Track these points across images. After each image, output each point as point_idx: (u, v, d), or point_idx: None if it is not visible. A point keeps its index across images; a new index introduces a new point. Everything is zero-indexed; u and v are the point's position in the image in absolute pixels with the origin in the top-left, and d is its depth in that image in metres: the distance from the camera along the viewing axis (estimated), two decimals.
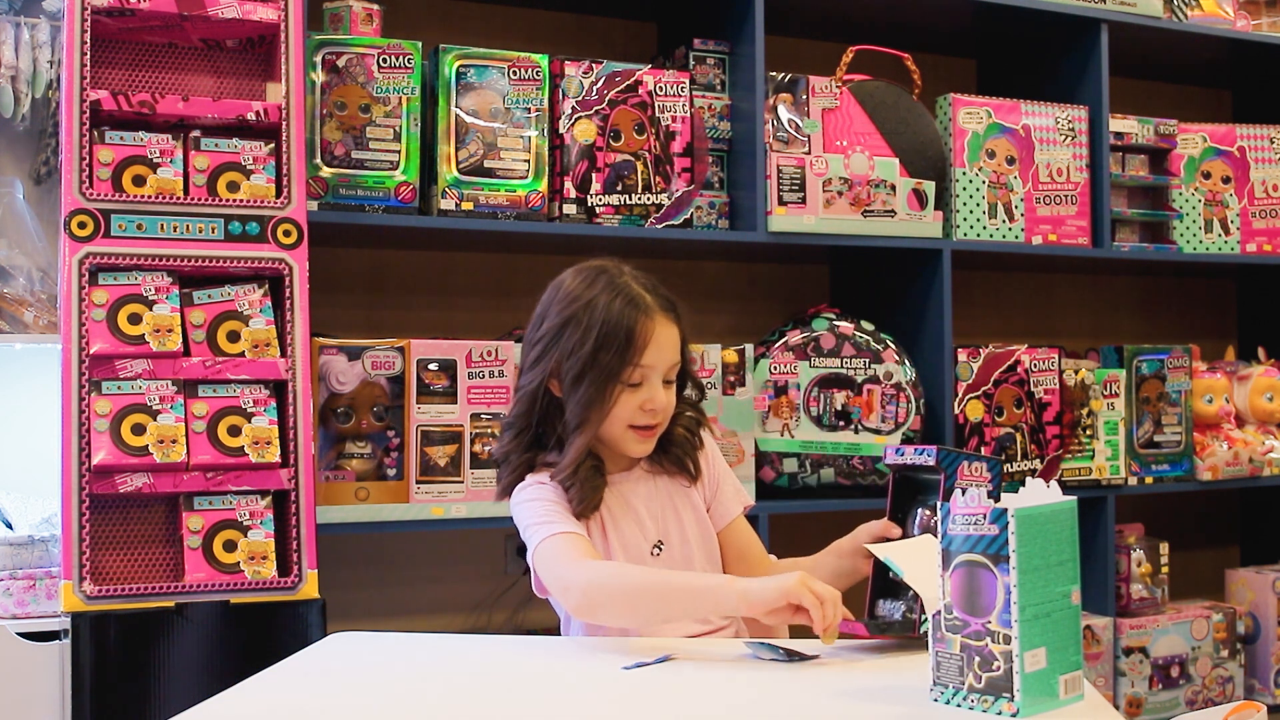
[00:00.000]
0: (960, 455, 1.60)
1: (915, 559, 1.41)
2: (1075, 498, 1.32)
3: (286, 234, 2.25)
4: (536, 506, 1.74)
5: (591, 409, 1.72)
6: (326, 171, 2.47)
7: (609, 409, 1.73)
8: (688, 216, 2.73)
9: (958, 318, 3.02)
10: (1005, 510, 1.24)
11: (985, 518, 1.25)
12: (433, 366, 2.47)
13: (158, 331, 2.16)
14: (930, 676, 1.30)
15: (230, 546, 2.16)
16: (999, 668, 1.24)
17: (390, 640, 1.72)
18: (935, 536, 1.58)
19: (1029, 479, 1.31)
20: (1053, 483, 1.31)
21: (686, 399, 1.86)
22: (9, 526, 2.41)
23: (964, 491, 1.28)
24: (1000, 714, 1.24)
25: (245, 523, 2.17)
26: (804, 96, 2.89)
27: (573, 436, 1.74)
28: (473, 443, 2.49)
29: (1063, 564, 1.28)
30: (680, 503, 1.85)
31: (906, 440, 2.84)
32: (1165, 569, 3.22)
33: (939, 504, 1.59)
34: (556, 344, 1.74)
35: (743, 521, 1.89)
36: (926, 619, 1.50)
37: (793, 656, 1.53)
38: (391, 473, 2.45)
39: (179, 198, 2.20)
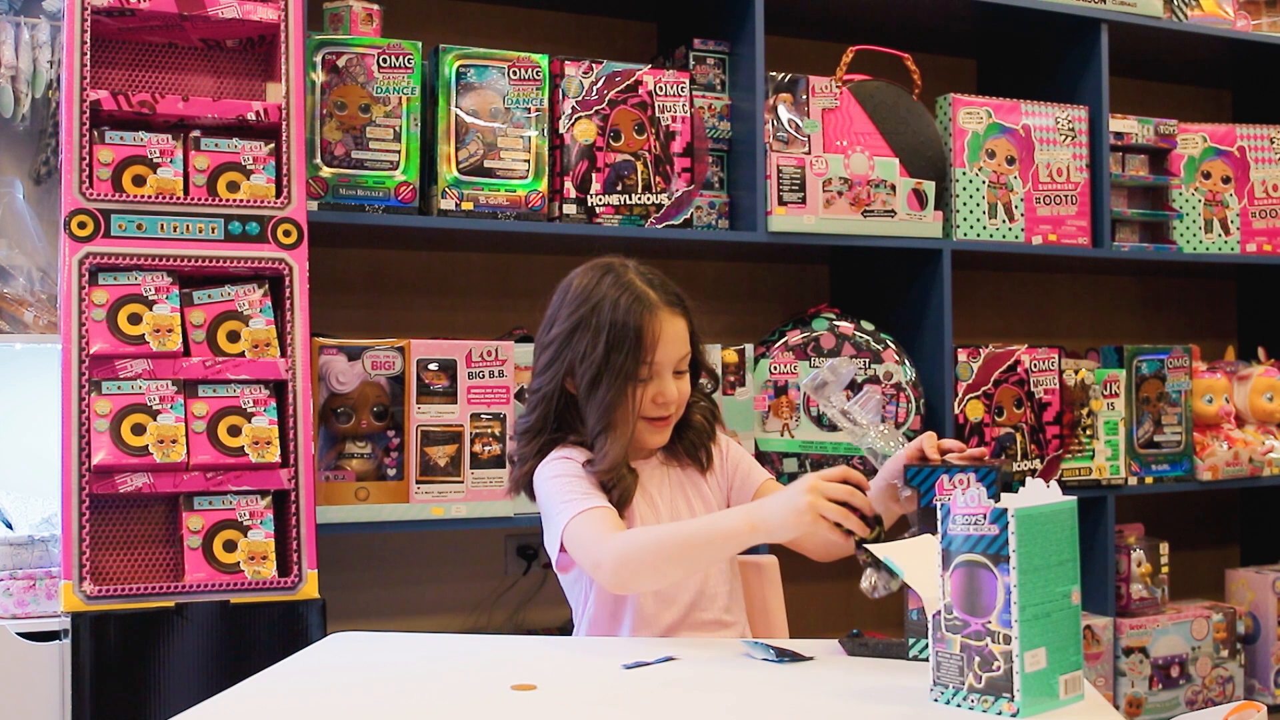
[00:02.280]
0: (938, 470, 1.50)
1: (915, 559, 1.41)
2: (1075, 498, 1.32)
3: (286, 234, 2.25)
4: (561, 484, 1.74)
5: (615, 411, 1.74)
6: (326, 171, 2.47)
7: (631, 408, 1.74)
8: (688, 216, 2.73)
9: (958, 318, 3.02)
10: (1005, 510, 1.24)
11: (985, 518, 1.25)
12: (433, 366, 2.47)
13: (158, 331, 2.16)
14: (930, 676, 1.30)
15: (230, 546, 2.16)
16: (999, 668, 1.24)
17: (390, 640, 1.72)
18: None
19: (1029, 479, 1.31)
20: (1053, 483, 1.31)
21: (701, 389, 1.88)
22: (9, 526, 2.41)
23: (964, 491, 1.27)
24: (1000, 714, 1.24)
25: (245, 523, 2.17)
26: (804, 96, 2.89)
27: (603, 439, 1.75)
28: (473, 443, 2.49)
29: (1063, 564, 1.28)
30: (691, 493, 1.87)
31: (908, 439, 2.84)
32: (1165, 569, 3.22)
33: (913, 526, 1.55)
34: (568, 347, 1.76)
35: (772, 483, 1.89)
36: (915, 641, 1.49)
37: (784, 656, 1.52)
38: (391, 473, 2.45)
39: (179, 198, 2.20)
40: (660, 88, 2.72)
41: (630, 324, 1.73)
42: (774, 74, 2.87)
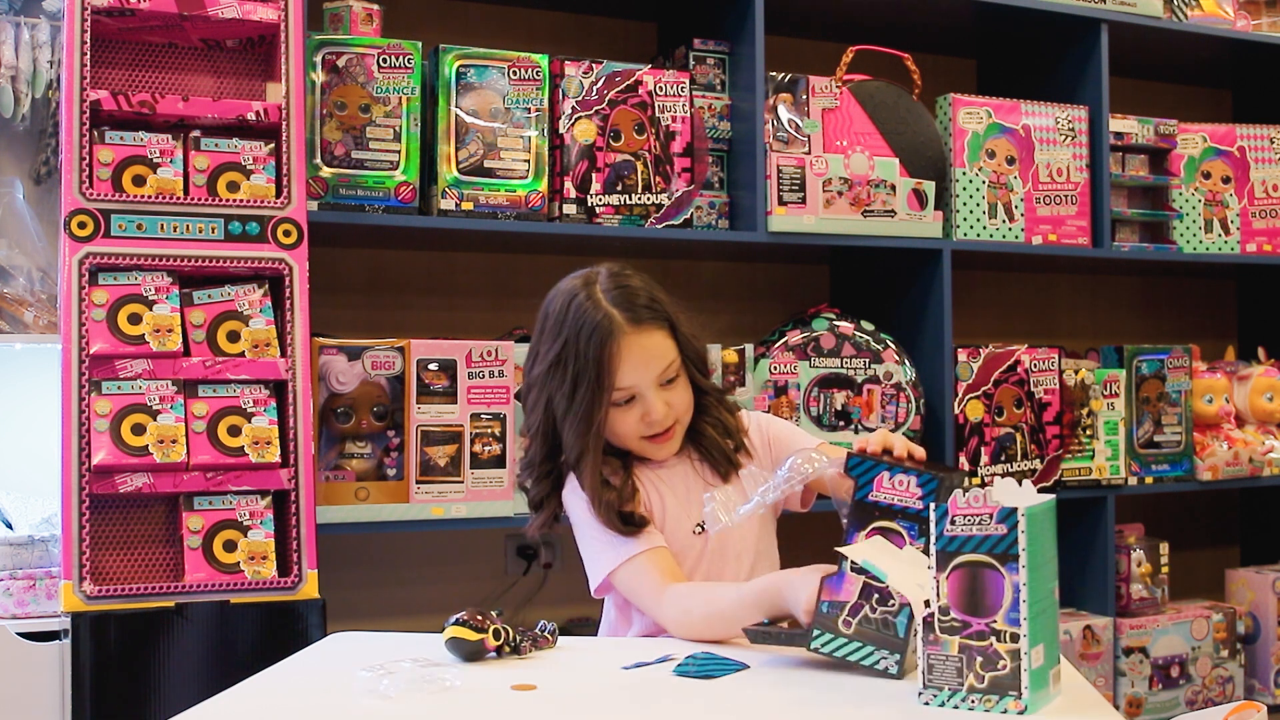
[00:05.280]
0: (880, 465, 1.47)
1: (897, 563, 1.39)
2: (1054, 495, 1.33)
3: (286, 234, 2.25)
4: (592, 529, 1.76)
5: (584, 445, 1.74)
6: (326, 171, 2.47)
7: (598, 435, 1.73)
8: (688, 216, 2.74)
9: (958, 318, 3.02)
10: (1014, 510, 1.25)
11: (992, 518, 1.25)
12: (433, 366, 2.47)
13: (158, 331, 2.16)
14: (920, 680, 1.30)
15: (230, 546, 2.17)
16: (1004, 666, 1.25)
17: (390, 640, 1.72)
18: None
19: (998, 479, 1.31)
20: (1025, 482, 1.32)
21: (713, 396, 1.82)
22: (9, 526, 2.41)
23: (964, 491, 1.28)
24: (1006, 712, 1.25)
25: (245, 523, 2.18)
26: (804, 96, 2.90)
27: (578, 468, 1.76)
28: (473, 443, 2.49)
29: (1050, 561, 1.30)
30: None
31: (911, 439, 2.84)
32: (1165, 569, 3.22)
33: (844, 515, 1.49)
34: (548, 385, 1.75)
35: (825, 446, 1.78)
36: (819, 634, 1.44)
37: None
38: (391, 473, 2.45)
39: (179, 198, 2.20)
40: (660, 88, 2.72)
41: (590, 356, 1.70)
42: (774, 74, 2.87)
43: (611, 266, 1.80)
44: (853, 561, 1.43)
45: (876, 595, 1.41)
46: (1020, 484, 1.31)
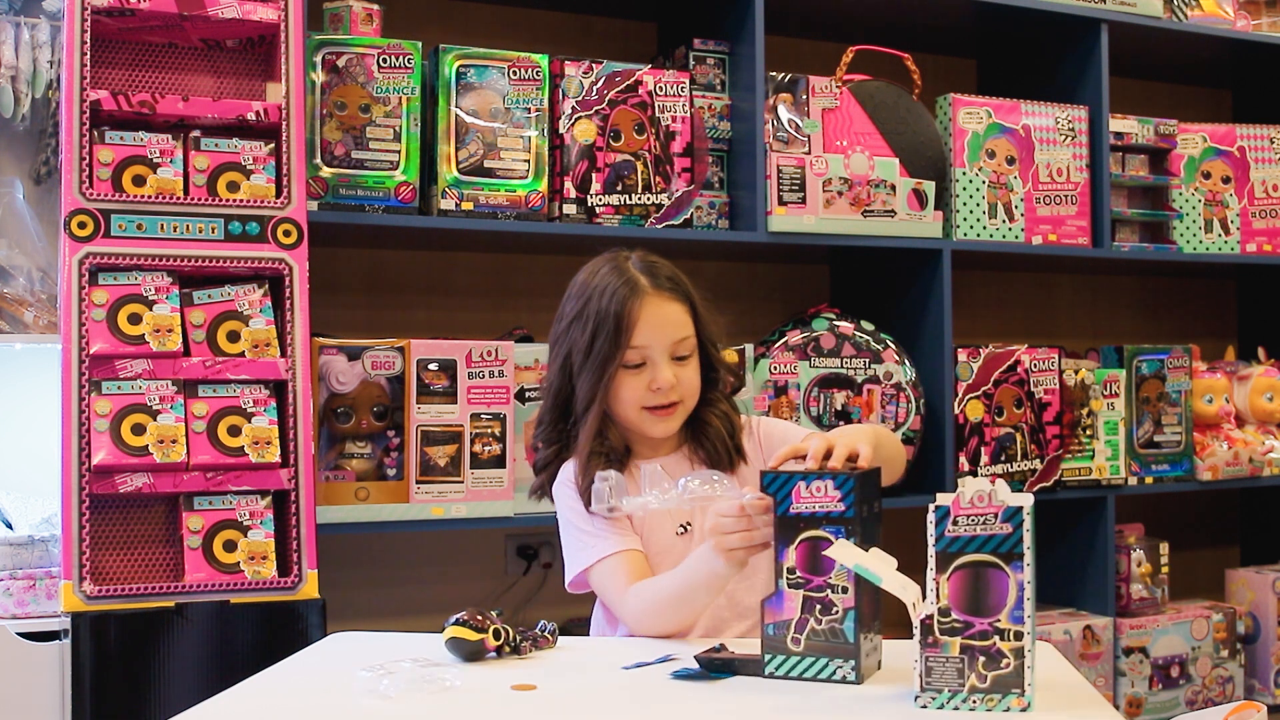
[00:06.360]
0: (795, 476, 1.42)
1: (886, 566, 1.38)
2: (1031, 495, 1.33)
3: (286, 234, 2.25)
4: (576, 522, 1.78)
5: (593, 394, 1.76)
6: (326, 171, 2.47)
7: (608, 392, 1.76)
8: (688, 216, 2.74)
9: (958, 318, 3.02)
10: (1019, 509, 1.25)
11: (997, 517, 1.25)
12: (433, 366, 2.47)
13: (158, 331, 2.16)
14: (916, 683, 1.29)
15: (230, 546, 2.16)
16: (1008, 665, 1.25)
17: (390, 640, 1.72)
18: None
19: (968, 478, 1.31)
20: (1000, 481, 1.31)
21: (721, 391, 1.85)
22: (9, 526, 2.41)
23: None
24: (1009, 710, 1.25)
25: (245, 523, 2.18)
26: (804, 96, 2.90)
27: (580, 420, 1.79)
28: (473, 443, 2.49)
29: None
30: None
31: (906, 441, 2.84)
32: (1165, 569, 3.22)
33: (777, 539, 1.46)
34: (567, 340, 1.79)
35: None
36: (771, 658, 1.42)
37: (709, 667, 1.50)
38: (391, 473, 2.45)
39: (179, 198, 2.20)
40: (660, 88, 2.72)
41: (612, 309, 1.75)
42: (774, 74, 2.87)
43: (637, 251, 1.85)
44: (788, 576, 1.42)
45: (819, 606, 1.40)
46: (994, 483, 1.30)
